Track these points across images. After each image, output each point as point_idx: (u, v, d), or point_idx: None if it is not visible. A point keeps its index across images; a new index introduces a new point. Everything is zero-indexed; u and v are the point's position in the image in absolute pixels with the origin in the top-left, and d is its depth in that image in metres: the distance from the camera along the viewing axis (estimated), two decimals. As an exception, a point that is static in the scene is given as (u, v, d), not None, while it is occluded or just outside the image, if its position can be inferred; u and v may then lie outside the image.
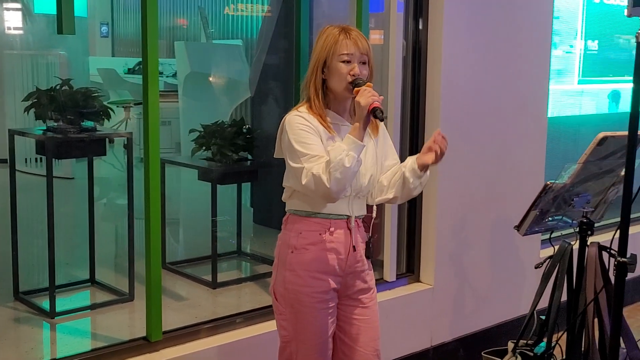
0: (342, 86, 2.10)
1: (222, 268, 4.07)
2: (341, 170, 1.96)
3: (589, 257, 2.62)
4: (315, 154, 2.02)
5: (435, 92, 3.46)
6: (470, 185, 3.65)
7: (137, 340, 2.76)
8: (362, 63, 2.11)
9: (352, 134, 2.01)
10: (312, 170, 1.98)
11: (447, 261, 3.62)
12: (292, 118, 2.09)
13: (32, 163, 6.19)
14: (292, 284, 2.15)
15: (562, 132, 4.67)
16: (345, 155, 1.96)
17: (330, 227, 2.15)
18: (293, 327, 2.18)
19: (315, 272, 2.14)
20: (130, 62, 9.95)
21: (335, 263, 2.16)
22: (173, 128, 6.72)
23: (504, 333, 3.73)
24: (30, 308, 3.40)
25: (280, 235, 2.22)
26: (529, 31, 3.81)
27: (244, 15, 8.52)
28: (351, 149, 1.98)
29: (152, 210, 2.68)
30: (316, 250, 2.14)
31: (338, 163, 1.96)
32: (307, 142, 2.04)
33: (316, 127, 2.08)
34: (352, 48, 2.09)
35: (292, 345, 2.20)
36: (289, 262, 2.16)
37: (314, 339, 2.17)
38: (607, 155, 2.54)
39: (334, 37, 2.10)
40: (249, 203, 5.08)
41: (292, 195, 2.18)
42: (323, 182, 1.96)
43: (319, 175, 1.97)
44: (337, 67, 2.09)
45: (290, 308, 2.17)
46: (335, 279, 2.18)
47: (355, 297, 2.25)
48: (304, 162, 2.01)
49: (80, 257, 3.97)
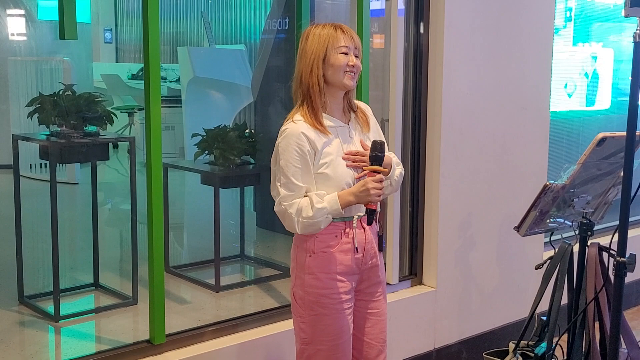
0: (341, 78, 2.16)
1: (225, 272, 4.09)
2: (311, 225, 2.10)
3: (589, 258, 2.63)
4: (297, 198, 2.11)
5: (436, 95, 3.48)
6: (472, 187, 3.65)
7: (140, 343, 2.78)
8: (356, 57, 2.19)
9: (341, 199, 2.11)
10: (289, 209, 2.11)
11: (450, 263, 3.62)
12: (284, 141, 2.13)
13: (36, 168, 6.22)
14: (312, 287, 2.17)
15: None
16: (324, 218, 2.10)
17: (346, 228, 2.18)
18: (312, 330, 2.20)
19: (335, 274, 2.17)
20: (133, 67, 9.98)
21: (353, 263, 2.19)
22: (176, 133, 6.74)
23: (507, 335, 3.73)
24: (35, 312, 3.42)
25: (296, 238, 2.25)
26: (530, 33, 3.82)
27: (247, 20, 8.54)
28: (330, 212, 2.11)
29: (154, 214, 2.70)
30: (334, 252, 2.17)
31: (313, 221, 2.09)
32: (295, 180, 2.11)
33: (312, 145, 2.12)
34: (348, 40, 2.18)
35: (310, 348, 2.21)
36: (308, 266, 2.17)
37: (334, 340, 2.19)
38: (607, 156, 2.54)
39: (329, 32, 2.18)
40: (252, 207, 5.09)
41: None
42: (293, 224, 2.11)
43: (291, 216, 2.11)
44: (336, 58, 2.15)
45: (309, 311, 2.18)
46: (354, 277, 2.21)
47: (368, 291, 2.28)
48: (283, 200, 2.12)
49: (84, 261, 4.00)
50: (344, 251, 2.17)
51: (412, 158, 3.56)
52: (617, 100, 5.11)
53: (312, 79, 2.16)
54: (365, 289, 2.27)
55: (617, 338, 2.15)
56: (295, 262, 2.22)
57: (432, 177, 3.54)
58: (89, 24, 9.07)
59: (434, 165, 3.52)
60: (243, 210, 4.37)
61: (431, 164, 3.53)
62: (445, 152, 3.50)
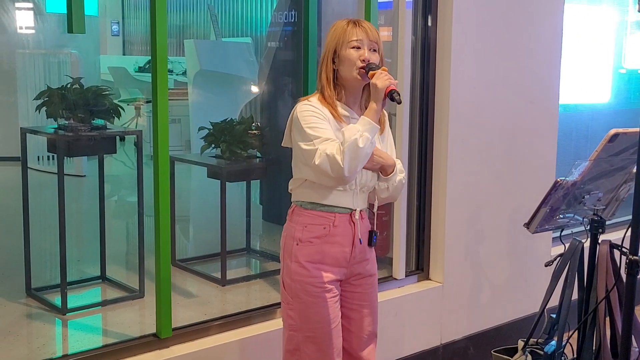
0: (353, 72, 2.14)
1: (232, 265, 4.08)
2: (354, 150, 2.00)
3: (600, 255, 2.60)
4: (328, 137, 2.05)
5: (444, 88, 3.45)
6: (480, 182, 3.63)
7: (147, 337, 2.78)
8: (372, 50, 2.15)
9: (368, 116, 2.06)
10: (326, 150, 2.02)
11: (456, 259, 3.61)
12: (302, 106, 2.13)
13: (44, 161, 6.23)
14: (298, 274, 2.18)
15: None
16: (360, 136, 2.01)
17: (335, 221, 2.17)
18: (300, 317, 2.21)
19: (320, 264, 2.17)
20: (140, 60, 9.99)
21: (340, 255, 2.19)
22: (183, 126, 6.73)
23: (514, 331, 3.72)
24: (42, 304, 3.42)
25: (286, 227, 2.25)
26: (539, 26, 3.79)
27: (253, 13, 8.53)
28: (366, 129, 2.03)
29: (161, 207, 2.69)
30: (321, 243, 2.17)
31: (352, 143, 2.00)
32: (319, 126, 2.07)
33: (326, 115, 2.11)
34: (361, 34, 2.14)
35: (299, 335, 2.22)
36: (295, 254, 2.18)
37: (322, 327, 2.19)
38: (619, 152, 2.52)
39: (343, 27, 2.16)
40: (258, 200, 5.08)
41: (301, 185, 2.20)
42: (337, 161, 2.00)
43: (333, 155, 2.00)
44: (347, 53, 2.13)
45: (297, 298, 2.20)
46: (340, 270, 2.21)
47: (357, 283, 2.28)
48: (317, 144, 2.04)
49: (91, 254, 4.00)
50: (332, 243, 2.17)
51: (419, 152, 3.54)
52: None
53: (322, 72, 2.17)
54: (355, 282, 2.28)
55: (629, 336, 2.13)
56: (284, 250, 2.23)
57: (439, 172, 3.52)
58: (97, 17, 9.06)
59: (441, 160, 3.50)
60: (249, 204, 4.36)
61: (439, 158, 3.51)
62: (452, 147, 3.48)
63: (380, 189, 2.24)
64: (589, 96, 4.97)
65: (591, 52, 4.85)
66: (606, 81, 5.06)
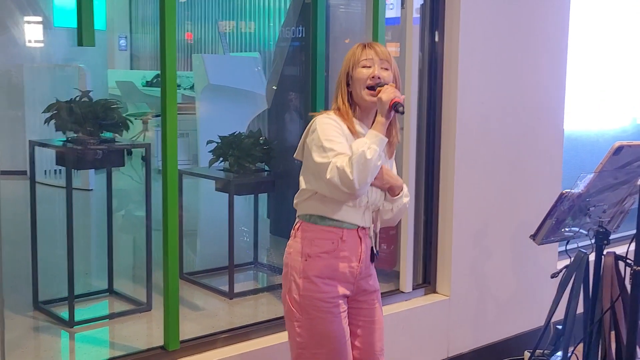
0: (363, 90, 2.17)
1: (239, 279, 4.09)
2: (363, 162, 2.02)
3: (605, 267, 2.61)
4: (342, 152, 2.07)
5: (451, 104, 3.47)
6: (486, 195, 3.64)
7: (154, 350, 2.79)
8: (384, 69, 2.19)
9: (375, 129, 2.10)
10: (337, 163, 2.04)
11: (464, 272, 3.61)
12: (323, 119, 2.16)
13: (51, 174, 6.26)
14: (307, 290, 2.18)
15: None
16: (367, 148, 2.04)
17: (343, 236, 2.18)
18: (308, 334, 2.20)
19: (329, 280, 2.17)
20: (148, 75, 10.05)
21: (347, 271, 2.20)
22: (191, 140, 6.76)
23: (522, 344, 3.71)
24: (50, 317, 3.43)
25: (291, 243, 2.25)
26: (546, 42, 3.81)
27: (261, 29, 8.59)
28: (373, 142, 2.06)
29: (169, 221, 2.71)
30: (329, 258, 2.17)
31: (360, 155, 2.03)
32: (335, 139, 2.10)
33: (344, 131, 2.14)
34: (371, 54, 2.19)
35: (306, 352, 2.21)
36: (303, 270, 2.18)
37: (331, 343, 2.19)
38: (624, 165, 2.53)
39: (354, 50, 2.23)
40: (266, 214, 5.10)
41: (309, 197, 2.21)
42: (347, 174, 2.02)
43: (343, 167, 2.03)
44: (358, 73, 2.18)
45: (306, 314, 2.19)
46: (348, 285, 2.22)
47: (363, 299, 2.29)
48: (331, 157, 2.07)
49: (98, 267, 4.01)
50: (339, 258, 2.18)
51: (426, 166, 3.55)
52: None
53: (338, 96, 2.22)
54: (361, 298, 2.28)
55: (634, 348, 2.13)
56: (289, 267, 2.23)
57: (446, 185, 3.53)
58: (105, 31, 9.14)
59: (448, 174, 3.51)
60: (257, 218, 4.37)
61: (446, 172, 3.53)
62: (459, 161, 3.49)
63: (385, 210, 2.25)
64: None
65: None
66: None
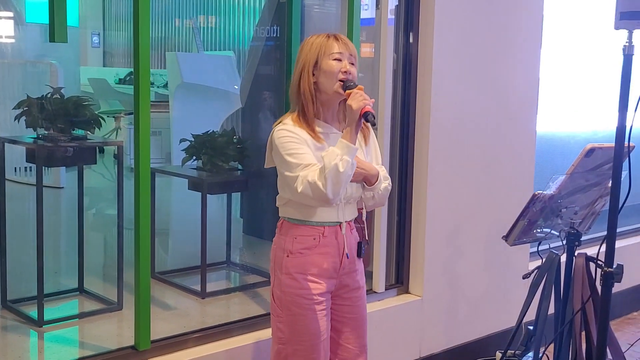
0: (334, 85, 2.14)
1: (211, 278, 4.06)
2: (336, 175, 2.01)
3: (577, 268, 2.64)
4: (308, 163, 2.06)
5: (425, 104, 3.49)
6: (459, 196, 3.67)
7: (125, 350, 2.75)
8: (351, 64, 2.17)
9: (345, 138, 2.07)
10: (307, 177, 2.03)
11: (436, 272, 3.63)
12: (278, 132, 2.13)
13: (21, 172, 6.16)
14: (288, 287, 2.18)
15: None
16: (340, 160, 2.02)
17: (324, 232, 2.19)
18: (289, 329, 2.21)
19: (311, 276, 2.18)
20: (121, 72, 9.95)
21: (330, 266, 2.20)
22: (164, 138, 6.71)
23: (493, 344, 3.74)
24: (18, 316, 3.37)
25: (275, 239, 2.26)
26: (519, 44, 3.85)
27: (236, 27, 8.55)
28: (345, 153, 2.03)
29: (141, 219, 2.68)
30: (311, 254, 2.18)
31: (332, 168, 2.01)
32: (298, 152, 2.08)
33: (303, 137, 2.12)
34: (342, 47, 2.16)
35: (288, 348, 2.22)
36: (285, 266, 2.19)
37: (311, 340, 2.19)
38: (595, 168, 2.56)
39: (323, 39, 2.17)
40: (239, 213, 5.08)
41: (286, 203, 2.21)
42: (319, 187, 2.01)
43: (314, 181, 2.02)
44: (328, 65, 2.14)
45: (287, 310, 2.20)
46: (330, 281, 2.22)
47: (347, 296, 2.29)
48: (298, 171, 2.05)
49: (69, 266, 3.95)
50: (322, 254, 2.18)
51: (400, 167, 3.57)
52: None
53: (302, 85, 2.16)
54: (344, 294, 2.29)
55: (604, 348, 2.16)
56: (274, 262, 2.24)
57: (419, 186, 3.55)
58: (77, 28, 9.03)
59: (421, 174, 3.53)
60: (230, 217, 4.35)
61: (419, 173, 3.54)
62: (433, 161, 3.51)
63: (367, 198, 2.26)
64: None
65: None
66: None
